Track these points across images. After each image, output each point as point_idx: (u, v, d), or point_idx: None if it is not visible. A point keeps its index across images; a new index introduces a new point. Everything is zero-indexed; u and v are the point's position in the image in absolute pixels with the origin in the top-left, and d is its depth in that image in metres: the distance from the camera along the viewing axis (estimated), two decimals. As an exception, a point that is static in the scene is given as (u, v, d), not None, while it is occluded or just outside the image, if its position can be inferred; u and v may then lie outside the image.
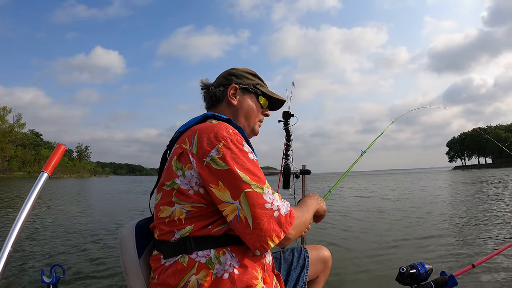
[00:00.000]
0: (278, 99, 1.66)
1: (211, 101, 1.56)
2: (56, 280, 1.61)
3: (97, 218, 10.96)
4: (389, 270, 4.39)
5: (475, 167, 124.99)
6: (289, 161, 2.15)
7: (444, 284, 1.61)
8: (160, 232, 1.27)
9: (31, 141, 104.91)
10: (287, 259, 1.75)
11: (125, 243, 1.38)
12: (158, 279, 1.23)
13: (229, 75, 1.57)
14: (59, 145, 1.34)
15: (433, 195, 16.55)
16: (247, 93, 1.56)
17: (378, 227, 7.97)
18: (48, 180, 1.23)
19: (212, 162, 1.17)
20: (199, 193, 1.20)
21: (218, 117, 1.38)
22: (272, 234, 1.13)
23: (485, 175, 40.27)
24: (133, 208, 14.60)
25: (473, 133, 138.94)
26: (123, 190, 30.07)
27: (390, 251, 5.55)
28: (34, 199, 1.16)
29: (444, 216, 9.05)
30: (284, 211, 1.17)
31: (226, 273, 1.16)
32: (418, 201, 13.91)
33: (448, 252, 5.28)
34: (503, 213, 8.98)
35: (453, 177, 39.30)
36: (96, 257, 5.64)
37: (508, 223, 7.54)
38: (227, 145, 1.19)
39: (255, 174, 1.18)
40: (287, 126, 2.13)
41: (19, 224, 1.10)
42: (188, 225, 1.20)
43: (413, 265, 1.66)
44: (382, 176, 64.92)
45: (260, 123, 1.62)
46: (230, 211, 1.15)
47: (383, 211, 11.14)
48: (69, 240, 7.26)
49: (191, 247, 1.19)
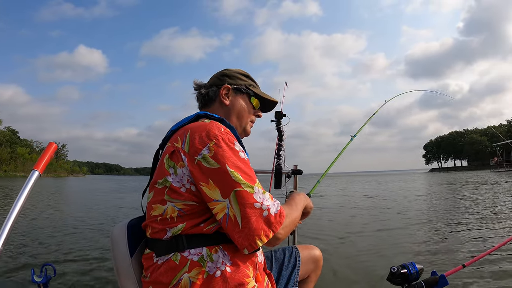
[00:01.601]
0: (271, 100, 1.67)
1: (204, 100, 1.56)
2: (46, 279, 1.59)
3: (88, 217, 10.77)
4: (379, 270, 4.40)
5: (451, 169, 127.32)
6: (281, 161, 2.16)
7: (435, 284, 1.63)
8: (152, 231, 1.27)
9: (7, 139, 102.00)
10: (279, 259, 1.76)
11: (116, 242, 1.38)
12: (150, 277, 1.23)
13: (222, 76, 1.58)
14: (50, 143, 1.34)
15: (416, 196, 16.78)
16: (240, 94, 1.57)
17: (366, 228, 7.96)
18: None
19: (203, 160, 1.17)
20: (191, 190, 1.20)
21: (211, 116, 1.39)
22: (260, 233, 1.13)
23: (460, 177, 41.12)
24: (125, 207, 14.49)
25: (450, 136, 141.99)
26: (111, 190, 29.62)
27: (380, 251, 5.56)
28: (25, 197, 1.14)
29: (432, 217, 9.08)
30: (274, 211, 1.17)
31: (218, 271, 1.16)
32: (404, 201, 14.05)
33: (438, 252, 5.32)
34: (493, 214, 9.08)
35: (433, 179, 39.99)
36: (87, 256, 5.55)
37: (497, 223, 7.64)
38: (219, 143, 1.19)
39: (246, 173, 1.18)
40: (279, 126, 2.14)
41: (9, 223, 1.08)
42: (180, 223, 1.20)
43: (404, 265, 1.66)
44: (361, 178, 65.71)
45: (252, 123, 1.63)
46: (219, 209, 1.15)
47: (369, 211, 11.21)
48: (60, 239, 7.11)
49: (183, 245, 1.19)
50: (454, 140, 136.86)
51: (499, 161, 60.30)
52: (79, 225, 8.79)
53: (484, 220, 8.15)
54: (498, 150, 64.21)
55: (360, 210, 11.49)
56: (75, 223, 9.30)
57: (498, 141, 68.77)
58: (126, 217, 1.46)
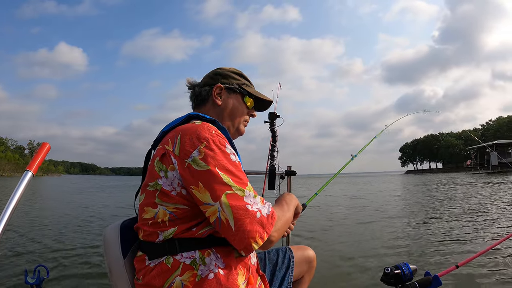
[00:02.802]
0: (265, 99, 1.66)
1: (196, 100, 1.54)
2: (39, 280, 1.59)
3: (81, 217, 10.74)
4: (373, 271, 4.44)
5: (426, 171, 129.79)
6: (274, 162, 2.15)
7: (429, 284, 1.64)
8: (144, 233, 1.25)
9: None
10: (272, 260, 1.75)
11: (109, 243, 1.36)
12: (142, 280, 1.22)
13: (215, 75, 1.56)
14: (43, 143, 1.32)
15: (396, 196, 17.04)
16: (233, 93, 1.54)
17: (359, 228, 8.07)
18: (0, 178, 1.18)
19: (193, 163, 1.16)
20: (182, 194, 1.19)
21: (202, 117, 1.37)
22: (255, 235, 1.12)
23: (435, 178, 41.93)
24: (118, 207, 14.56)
25: (425, 139, 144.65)
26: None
27: (374, 252, 5.62)
28: (18, 198, 1.13)
29: (423, 218, 9.24)
30: (266, 212, 1.17)
31: (211, 274, 1.16)
32: (381, 201, 14.28)
33: (432, 252, 5.40)
34: (486, 214, 9.27)
35: (410, 180, 40.68)
36: (80, 257, 5.56)
37: (491, 224, 7.79)
38: (209, 146, 1.18)
39: (237, 175, 1.17)
40: (273, 127, 2.13)
41: (2, 223, 1.06)
42: (172, 227, 1.19)
43: (397, 266, 1.67)
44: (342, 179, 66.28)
45: (246, 123, 1.61)
46: (211, 212, 1.14)
47: (361, 211, 11.39)
48: (53, 239, 7.10)
49: (175, 248, 1.18)
50: (429, 143, 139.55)
51: (473, 164, 61.75)
52: (75, 226, 8.80)
53: (474, 220, 8.38)
54: (472, 153, 65.75)
55: (352, 211, 11.65)
56: (70, 224, 9.31)
57: (472, 145, 70.48)
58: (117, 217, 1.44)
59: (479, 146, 59.76)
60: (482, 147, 56.78)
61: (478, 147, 60.77)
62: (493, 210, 10.17)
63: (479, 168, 57.85)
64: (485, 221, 8.31)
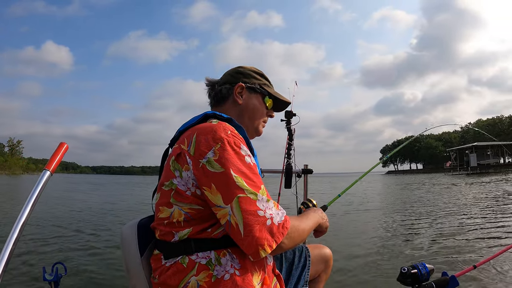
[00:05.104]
0: (283, 100, 1.64)
1: (216, 98, 1.52)
2: (57, 277, 1.60)
3: (99, 215, 10.74)
4: (390, 270, 4.43)
5: (407, 172, 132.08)
6: (291, 160, 2.13)
7: (446, 284, 1.64)
8: (160, 233, 1.25)
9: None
10: (288, 258, 1.74)
11: (127, 241, 1.34)
12: (158, 279, 1.21)
13: (236, 73, 1.54)
14: (61, 143, 1.35)
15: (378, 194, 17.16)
16: (253, 93, 1.53)
17: (373, 227, 8.08)
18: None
19: (208, 164, 1.14)
20: (196, 194, 1.18)
21: (219, 116, 1.35)
22: (264, 243, 1.10)
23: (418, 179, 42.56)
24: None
25: (406, 141, 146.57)
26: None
27: (390, 251, 5.61)
28: (36, 197, 1.13)
29: (440, 218, 9.20)
30: (278, 220, 1.14)
31: (226, 274, 1.15)
32: (395, 202, 14.28)
33: (449, 252, 5.37)
34: (504, 215, 9.24)
35: (392, 181, 41.19)
36: (99, 255, 5.57)
37: (508, 225, 7.71)
38: (224, 146, 1.16)
39: (250, 178, 1.16)
40: (289, 125, 2.12)
41: (21, 222, 1.07)
42: (187, 228, 1.18)
43: (414, 265, 1.67)
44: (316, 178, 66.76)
45: (264, 123, 1.60)
46: (222, 215, 1.13)
47: (373, 211, 11.39)
48: (71, 237, 7.11)
49: (191, 248, 1.17)
50: (410, 144, 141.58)
51: (453, 165, 63.11)
52: (94, 225, 8.80)
53: (481, 219, 8.42)
54: (452, 155, 67.18)
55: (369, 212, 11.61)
56: (89, 222, 9.32)
57: (452, 147, 72.05)
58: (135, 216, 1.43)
59: (458, 148, 61.16)
60: (461, 149, 58.16)
61: (458, 149, 62.22)
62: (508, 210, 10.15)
63: (459, 169, 59.20)
64: (501, 220, 8.26)
